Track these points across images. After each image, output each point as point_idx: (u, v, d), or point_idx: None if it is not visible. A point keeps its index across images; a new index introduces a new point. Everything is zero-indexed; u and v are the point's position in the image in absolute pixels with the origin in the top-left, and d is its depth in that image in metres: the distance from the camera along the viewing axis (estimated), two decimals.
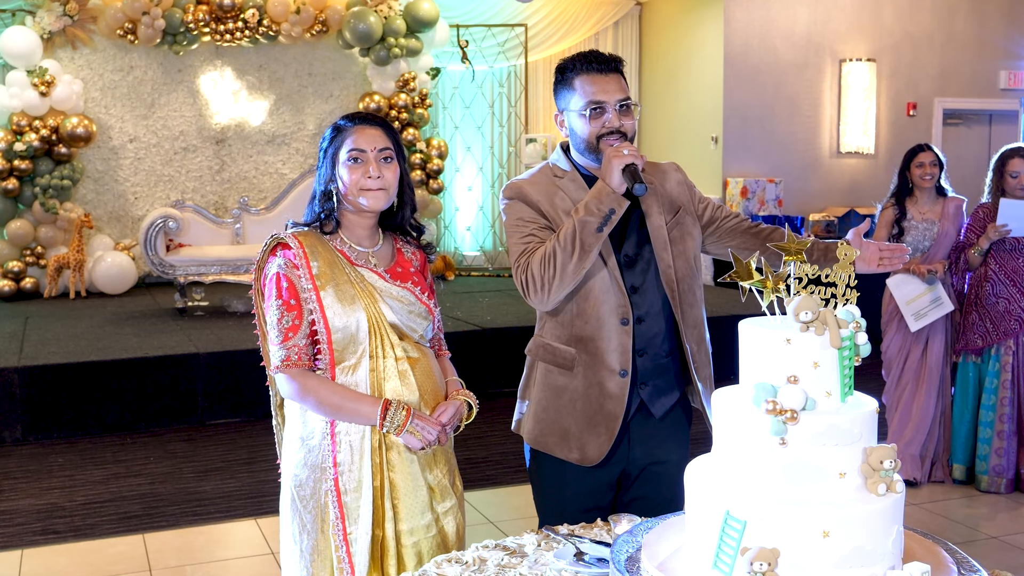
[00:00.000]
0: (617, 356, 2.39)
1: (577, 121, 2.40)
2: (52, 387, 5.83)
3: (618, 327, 2.39)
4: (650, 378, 2.44)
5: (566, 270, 2.30)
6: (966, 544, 4.11)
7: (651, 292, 2.43)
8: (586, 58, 2.40)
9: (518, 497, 4.80)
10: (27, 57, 8.82)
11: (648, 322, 2.43)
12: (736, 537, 1.49)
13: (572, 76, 2.41)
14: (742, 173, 9.88)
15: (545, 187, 2.45)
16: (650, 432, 2.47)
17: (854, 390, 1.60)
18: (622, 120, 2.38)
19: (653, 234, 2.43)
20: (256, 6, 9.32)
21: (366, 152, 2.28)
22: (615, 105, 2.37)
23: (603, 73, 2.38)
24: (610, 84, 2.38)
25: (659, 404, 2.46)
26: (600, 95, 2.37)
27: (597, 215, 2.28)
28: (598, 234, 2.29)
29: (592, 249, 2.30)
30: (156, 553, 4.10)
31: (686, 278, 2.45)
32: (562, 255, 2.29)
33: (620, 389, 2.40)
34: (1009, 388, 4.74)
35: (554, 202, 2.42)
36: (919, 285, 4.80)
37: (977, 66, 10.63)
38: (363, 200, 2.29)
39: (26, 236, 9.03)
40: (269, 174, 9.97)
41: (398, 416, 2.23)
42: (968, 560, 1.64)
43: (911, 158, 4.89)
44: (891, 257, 2.37)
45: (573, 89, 2.40)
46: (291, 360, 2.24)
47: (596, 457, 2.43)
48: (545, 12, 10.78)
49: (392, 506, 2.28)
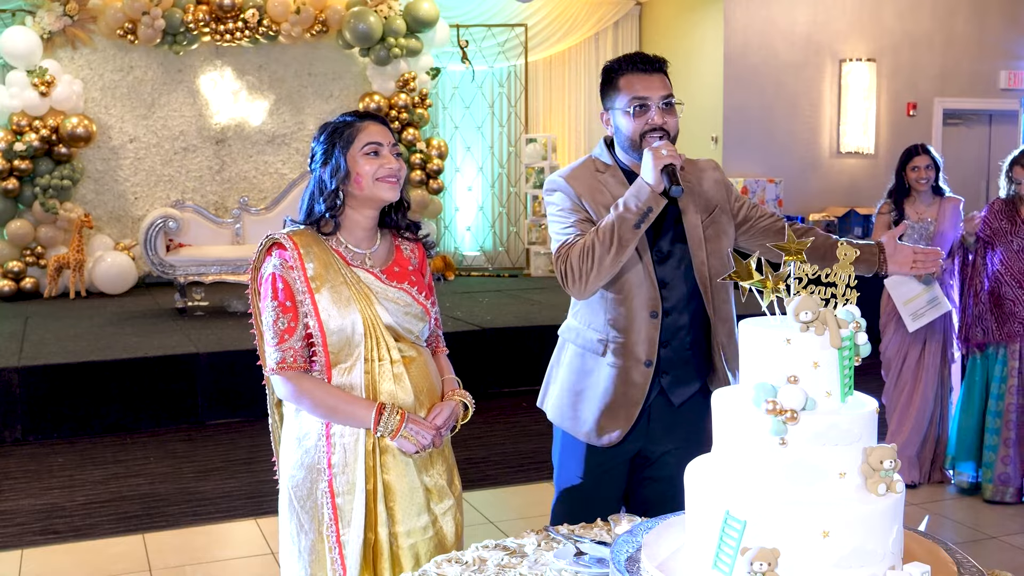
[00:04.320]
0: (644, 347, 2.49)
1: (622, 119, 2.49)
2: (52, 387, 5.83)
3: (648, 319, 2.48)
4: (672, 368, 2.53)
5: (603, 263, 2.38)
6: (966, 544, 4.11)
7: (680, 287, 2.51)
8: (631, 59, 2.51)
9: (518, 497, 4.80)
10: (27, 57, 8.82)
11: (675, 315, 2.52)
12: (736, 537, 1.49)
13: (617, 76, 2.50)
14: (742, 173, 9.88)
15: (587, 180, 2.54)
16: (668, 418, 2.56)
17: (854, 390, 1.60)
18: (665, 118, 2.46)
19: (689, 232, 2.51)
20: (256, 6, 9.32)
21: (383, 145, 2.29)
22: (659, 103, 2.46)
23: (647, 72, 2.48)
24: (654, 82, 2.47)
25: (679, 393, 2.55)
26: (644, 92, 2.46)
27: (635, 212, 2.35)
28: (635, 231, 2.37)
29: (629, 244, 2.38)
30: (156, 553, 4.10)
31: (719, 275, 2.51)
32: (600, 249, 2.38)
33: (644, 378, 2.50)
34: (1016, 394, 4.63)
35: (595, 196, 2.51)
36: (916, 285, 4.78)
37: (977, 66, 10.63)
38: (381, 191, 2.27)
39: (26, 236, 9.03)
40: (269, 174, 9.97)
41: (392, 420, 2.22)
42: (968, 560, 1.64)
43: (906, 161, 4.88)
44: (925, 261, 2.45)
45: (618, 88, 2.49)
46: (287, 362, 2.24)
47: (615, 439, 2.53)
48: (545, 12, 10.78)
49: (387, 508, 2.28)
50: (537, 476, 5.01)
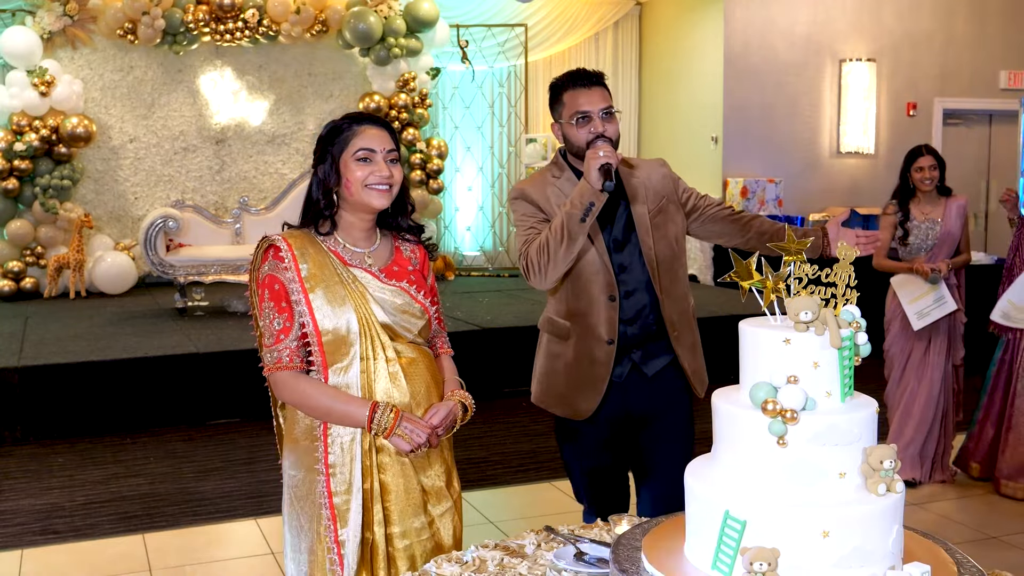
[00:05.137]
0: (605, 327, 2.77)
1: (568, 129, 2.77)
2: (52, 387, 5.83)
3: (606, 303, 2.77)
4: (640, 344, 2.81)
5: (557, 255, 2.64)
6: (966, 544, 4.11)
7: (637, 271, 2.80)
8: (573, 76, 2.78)
9: (518, 497, 4.80)
10: (27, 57, 8.83)
11: (636, 296, 2.80)
12: (736, 537, 1.49)
13: (562, 91, 2.78)
14: (742, 173, 9.88)
15: (543, 187, 2.83)
16: (644, 389, 2.84)
17: (854, 390, 1.60)
18: (606, 126, 2.72)
19: (637, 221, 2.80)
20: (256, 6, 9.32)
21: (376, 152, 2.28)
22: (599, 113, 2.72)
23: (587, 87, 2.74)
24: (594, 96, 2.74)
25: (650, 365, 2.83)
26: (586, 106, 2.72)
27: (580, 208, 2.59)
28: (581, 224, 2.60)
29: (578, 237, 2.62)
30: (156, 553, 4.10)
31: (667, 259, 2.82)
32: (553, 243, 2.63)
33: (606, 355, 2.78)
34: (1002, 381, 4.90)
35: (549, 198, 2.79)
36: (922, 285, 4.80)
37: (977, 66, 10.63)
38: (370, 198, 2.27)
39: (26, 236, 9.03)
40: (269, 174, 9.98)
41: (386, 418, 2.22)
42: (968, 560, 1.64)
43: (911, 161, 4.89)
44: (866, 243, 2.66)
45: (563, 102, 2.78)
46: (282, 362, 2.24)
47: (585, 412, 2.82)
48: (545, 12, 10.79)
49: (383, 509, 2.28)
50: (537, 476, 5.02)
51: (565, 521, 2.44)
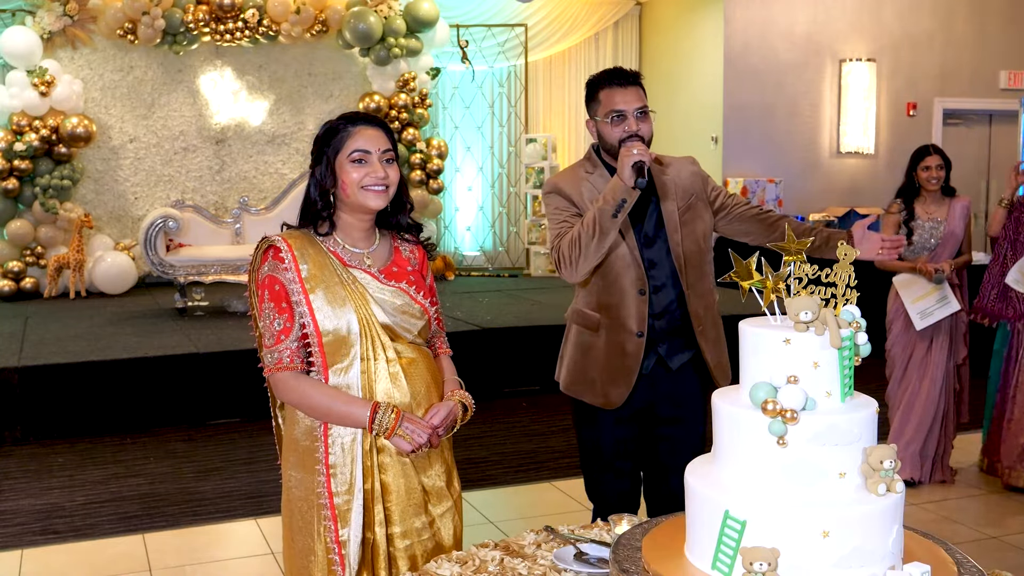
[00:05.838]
0: (635, 320, 2.85)
1: (603, 127, 2.84)
2: (52, 387, 5.83)
3: (636, 296, 2.85)
4: (666, 338, 2.90)
5: (588, 249, 2.71)
6: (966, 544, 4.11)
7: (665, 266, 2.88)
8: (610, 74, 2.86)
9: (518, 497, 4.80)
10: (27, 57, 8.82)
11: (664, 291, 2.89)
12: (736, 537, 1.49)
13: (598, 89, 2.86)
14: (742, 173, 9.88)
15: (576, 181, 2.91)
16: (667, 381, 2.93)
17: (854, 390, 1.60)
18: (639, 125, 2.78)
19: (666, 218, 2.88)
20: (256, 6, 9.32)
21: (371, 153, 2.27)
22: (634, 112, 2.79)
23: (623, 86, 2.81)
24: (629, 95, 2.80)
25: (675, 359, 2.92)
26: (621, 104, 2.79)
27: (612, 204, 2.66)
28: (613, 220, 2.67)
29: (609, 232, 2.68)
30: (156, 553, 4.10)
31: (694, 255, 2.89)
32: (585, 237, 2.70)
33: (636, 348, 2.86)
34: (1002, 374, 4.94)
35: (583, 193, 2.87)
36: (925, 284, 4.80)
37: (977, 66, 10.63)
38: (366, 199, 2.27)
39: (26, 236, 9.03)
40: (269, 174, 9.98)
41: (387, 419, 2.22)
42: (968, 560, 1.64)
43: (918, 160, 4.89)
44: (890, 247, 2.73)
45: (599, 100, 2.85)
46: (283, 363, 2.24)
47: (617, 402, 2.90)
48: (545, 12, 10.78)
49: (384, 509, 2.27)
50: (537, 476, 5.01)
51: (565, 521, 2.44)
